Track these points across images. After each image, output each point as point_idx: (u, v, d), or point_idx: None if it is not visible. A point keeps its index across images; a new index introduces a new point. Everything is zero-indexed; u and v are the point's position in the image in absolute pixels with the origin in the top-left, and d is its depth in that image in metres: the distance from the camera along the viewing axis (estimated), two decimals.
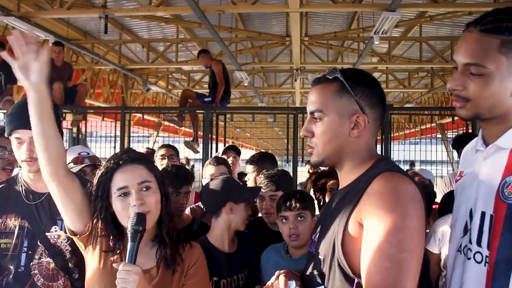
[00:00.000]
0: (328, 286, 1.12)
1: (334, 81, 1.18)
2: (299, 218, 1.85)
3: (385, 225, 1.01)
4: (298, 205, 1.85)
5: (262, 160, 3.12)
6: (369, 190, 1.08)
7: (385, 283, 0.99)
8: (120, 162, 1.43)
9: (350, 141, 1.17)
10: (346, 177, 1.21)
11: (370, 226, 1.04)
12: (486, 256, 1.09)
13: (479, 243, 1.12)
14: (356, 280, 1.07)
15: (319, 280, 1.15)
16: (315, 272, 1.16)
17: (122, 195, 1.40)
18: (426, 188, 3.01)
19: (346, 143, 1.18)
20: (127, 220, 1.37)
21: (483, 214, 1.12)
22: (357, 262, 1.06)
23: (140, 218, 1.33)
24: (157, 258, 1.46)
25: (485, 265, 1.09)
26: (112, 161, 1.44)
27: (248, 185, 2.85)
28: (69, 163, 2.57)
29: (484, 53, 1.08)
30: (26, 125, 1.69)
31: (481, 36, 1.09)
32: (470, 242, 1.15)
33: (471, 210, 1.17)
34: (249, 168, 3.16)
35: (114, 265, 1.32)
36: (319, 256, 1.16)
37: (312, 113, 1.20)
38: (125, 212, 1.39)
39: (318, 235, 1.23)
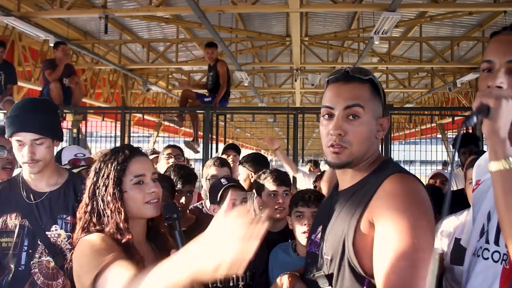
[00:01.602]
0: (337, 287, 1.12)
1: (366, 82, 1.18)
2: None
3: (400, 225, 1.03)
4: (315, 202, 1.89)
5: (254, 161, 3.14)
6: (381, 191, 1.09)
7: (401, 282, 1.00)
8: (133, 152, 1.44)
9: (373, 143, 1.20)
10: (350, 178, 1.21)
11: (384, 226, 1.05)
12: (504, 254, 1.10)
13: (497, 242, 1.13)
14: (367, 279, 1.07)
15: (326, 281, 1.14)
16: (322, 273, 1.16)
17: (139, 182, 1.41)
18: (435, 190, 3.10)
19: (373, 144, 1.20)
20: (141, 207, 1.40)
21: None
22: (367, 262, 1.07)
23: (173, 205, 1.44)
24: (153, 252, 1.46)
25: (501, 263, 1.10)
26: (126, 151, 1.43)
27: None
28: (64, 164, 2.57)
29: None
30: (27, 128, 1.69)
31: None
32: (488, 242, 1.16)
33: (489, 213, 1.18)
34: (242, 169, 3.17)
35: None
36: (326, 256, 1.16)
37: (349, 107, 1.15)
38: (142, 199, 1.40)
39: (319, 235, 1.23)
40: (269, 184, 2.23)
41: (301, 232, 1.88)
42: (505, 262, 1.09)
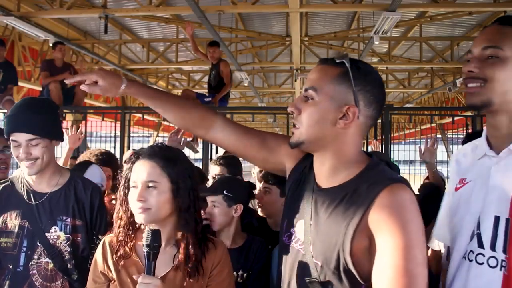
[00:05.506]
0: None
1: (339, 65, 1.12)
2: None
3: (401, 241, 1.01)
4: None
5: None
6: (379, 202, 1.06)
7: None
8: (140, 155, 1.43)
9: (335, 132, 1.12)
10: (330, 173, 1.16)
11: (384, 241, 1.03)
12: (502, 260, 1.08)
13: (493, 247, 1.10)
14: (363, 286, 1.07)
15: (319, 286, 1.12)
16: (315, 280, 1.13)
17: (133, 187, 1.40)
18: (434, 188, 3.19)
19: (331, 132, 1.12)
20: (133, 212, 1.39)
21: (497, 218, 1.10)
22: (363, 269, 1.06)
23: (155, 234, 1.27)
24: (174, 263, 1.41)
25: (500, 269, 1.08)
26: (136, 153, 1.44)
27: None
28: None
29: None
30: (20, 128, 1.68)
31: None
32: (481, 246, 1.13)
33: (479, 216, 1.15)
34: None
35: (134, 276, 1.30)
36: (315, 261, 1.12)
37: (306, 90, 1.14)
38: (132, 204, 1.39)
39: (296, 229, 1.19)
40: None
41: None
42: (504, 268, 1.07)
